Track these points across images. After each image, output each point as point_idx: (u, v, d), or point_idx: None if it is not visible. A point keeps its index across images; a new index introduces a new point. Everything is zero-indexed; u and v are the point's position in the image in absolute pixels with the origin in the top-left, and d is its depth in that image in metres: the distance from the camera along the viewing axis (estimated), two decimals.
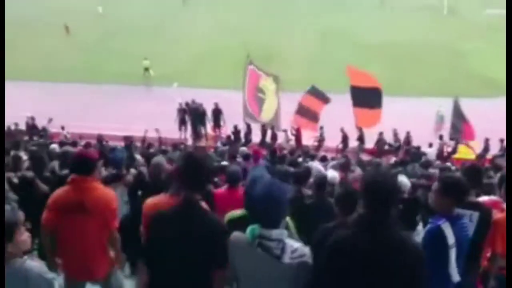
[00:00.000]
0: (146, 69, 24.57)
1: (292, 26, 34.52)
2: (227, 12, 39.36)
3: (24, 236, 2.69)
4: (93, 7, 38.39)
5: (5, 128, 17.06)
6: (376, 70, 19.56)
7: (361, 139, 17.21)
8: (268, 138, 17.46)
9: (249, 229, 2.57)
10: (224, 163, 8.00)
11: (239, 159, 8.54)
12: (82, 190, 3.66)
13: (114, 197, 3.84)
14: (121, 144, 14.23)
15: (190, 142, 17.95)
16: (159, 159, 5.38)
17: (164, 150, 11.55)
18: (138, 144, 14.29)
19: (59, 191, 3.74)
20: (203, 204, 2.94)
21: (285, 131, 17.41)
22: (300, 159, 10.28)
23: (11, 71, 24.70)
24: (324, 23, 34.19)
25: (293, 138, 17.34)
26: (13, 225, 2.61)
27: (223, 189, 4.93)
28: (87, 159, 3.78)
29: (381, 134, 17.10)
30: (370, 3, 40.77)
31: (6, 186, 4.16)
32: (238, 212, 3.39)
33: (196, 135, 18.52)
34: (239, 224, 2.84)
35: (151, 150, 11.15)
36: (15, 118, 17.58)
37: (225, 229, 2.78)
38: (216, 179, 6.25)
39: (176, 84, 23.76)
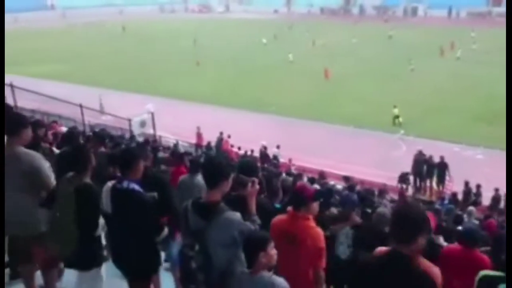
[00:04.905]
0: (396, 117, 24.63)
1: None
2: (471, 65, 37.29)
3: (274, 251, 3.12)
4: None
5: (243, 153, 19.27)
6: None
7: None
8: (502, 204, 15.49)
9: None
10: None
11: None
12: (296, 223, 3.83)
13: (322, 237, 3.87)
14: (341, 183, 14.66)
15: (410, 193, 17.28)
16: (384, 210, 5.27)
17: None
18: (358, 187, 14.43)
19: (279, 218, 4.01)
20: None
21: None
22: None
23: (251, 103, 28.22)
24: None
25: None
26: (267, 239, 3.14)
27: (454, 246, 4.57)
28: (303, 194, 3.92)
29: None
30: None
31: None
32: (494, 272, 3.25)
33: (418, 187, 17.75)
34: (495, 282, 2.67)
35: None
36: (252, 145, 19.72)
37: None
38: None
39: (402, 131, 23.23)
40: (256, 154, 19.29)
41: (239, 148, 19.99)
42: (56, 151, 6.37)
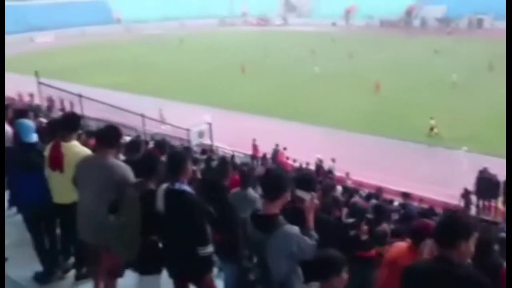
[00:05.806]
0: (431, 129, 24.06)
1: None
2: None
3: (346, 276, 3.11)
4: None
5: (297, 165, 19.17)
6: None
7: None
8: None
9: None
10: None
11: None
12: (410, 257, 3.80)
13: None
14: (398, 198, 14.25)
15: (473, 212, 16.51)
16: None
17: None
18: (415, 203, 13.98)
19: (397, 246, 4.22)
20: None
21: None
22: None
23: (312, 115, 28.08)
24: None
25: None
26: (343, 263, 3.11)
27: None
28: (425, 232, 3.88)
29: None
30: None
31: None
32: None
33: (481, 207, 16.92)
34: None
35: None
36: (308, 158, 19.59)
37: None
38: None
39: (466, 148, 22.28)
40: (312, 167, 19.16)
41: (294, 161, 19.93)
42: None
